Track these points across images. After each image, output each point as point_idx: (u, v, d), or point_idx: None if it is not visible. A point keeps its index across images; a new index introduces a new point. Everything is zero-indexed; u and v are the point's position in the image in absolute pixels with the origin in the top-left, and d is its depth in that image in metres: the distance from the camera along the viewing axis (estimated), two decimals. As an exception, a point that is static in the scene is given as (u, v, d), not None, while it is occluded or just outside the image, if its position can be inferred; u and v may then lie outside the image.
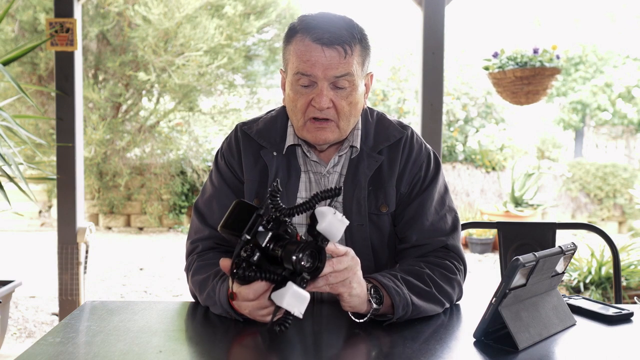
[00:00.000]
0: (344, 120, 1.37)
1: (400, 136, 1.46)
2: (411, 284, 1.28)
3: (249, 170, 1.45)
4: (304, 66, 1.32)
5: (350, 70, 1.32)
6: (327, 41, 1.30)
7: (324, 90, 1.32)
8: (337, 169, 1.46)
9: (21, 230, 7.95)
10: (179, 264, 6.02)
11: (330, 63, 1.31)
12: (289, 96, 1.38)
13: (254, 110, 8.34)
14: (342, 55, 1.31)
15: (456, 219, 1.46)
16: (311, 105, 1.35)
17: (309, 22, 1.33)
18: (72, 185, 3.33)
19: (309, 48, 1.31)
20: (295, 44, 1.34)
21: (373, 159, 1.43)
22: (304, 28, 1.33)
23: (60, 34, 3.22)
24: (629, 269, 4.04)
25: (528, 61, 3.40)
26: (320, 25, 1.31)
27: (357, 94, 1.37)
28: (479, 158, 8.80)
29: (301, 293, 1.07)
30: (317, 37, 1.31)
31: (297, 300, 1.06)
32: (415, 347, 1.13)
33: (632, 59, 10.20)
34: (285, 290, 1.06)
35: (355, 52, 1.33)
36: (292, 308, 1.06)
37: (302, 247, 1.06)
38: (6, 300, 2.99)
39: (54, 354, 1.07)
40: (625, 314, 1.31)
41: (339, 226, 1.09)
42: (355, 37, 1.33)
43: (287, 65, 1.38)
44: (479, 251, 6.93)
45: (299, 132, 1.40)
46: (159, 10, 7.05)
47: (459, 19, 10.32)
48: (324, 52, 1.31)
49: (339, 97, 1.34)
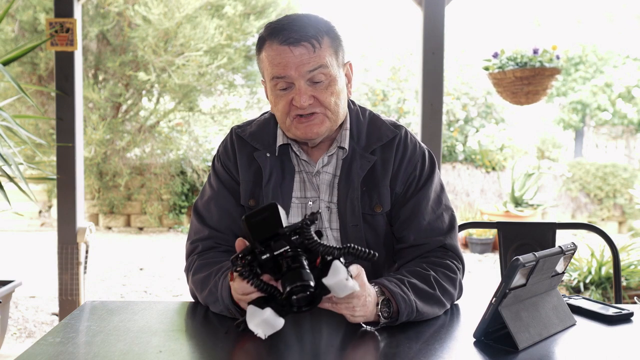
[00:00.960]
0: (330, 110, 1.38)
1: (392, 136, 1.46)
2: (417, 288, 1.28)
3: (244, 172, 1.47)
4: (277, 70, 1.34)
5: (322, 62, 1.34)
6: (294, 40, 1.33)
7: (302, 88, 1.34)
8: (327, 169, 1.47)
9: (21, 230, 7.95)
10: (179, 264, 6.02)
11: (301, 60, 1.33)
12: (271, 101, 1.41)
13: (254, 110, 8.34)
14: (310, 51, 1.33)
15: (453, 218, 1.47)
16: (292, 105, 1.37)
17: (274, 28, 1.36)
18: (72, 185, 3.33)
19: (277, 51, 1.34)
20: (266, 51, 1.37)
21: (366, 159, 1.44)
22: (270, 34, 1.36)
23: (60, 34, 3.22)
24: (629, 269, 4.04)
25: (528, 61, 3.40)
26: (284, 27, 1.34)
27: (338, 85, 1.38)
28: (479, 158, 8.80)
29: (273, 321, 1.06)
30: (283, 40, 1.33)
31: (266, 325, 1.06)
32: (416, 347, 1.13)
33: (632, 59, 10.20)
34: (258, 313, 1.06)
35: (324, 44, 1.35)
36: (256, 329, 1.06)
37: (301, 288, 1.03)
38: (6, 300, 2.99)
39: (54, 354, 1.07)
40: (625, 314, 1.31)
41: (344, 290, 1.07)
42: (321, 30, 1.35)
43: (264, 74, 1.41)
44: (479, 251, 6.93)
45: (289, 133, 1.42)
46: (159, 10, 7.05)
47: (459, 19, 10.32)
48: (292, 52, 1.33)
49: (318, 91, 1.36)
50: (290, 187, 1.45)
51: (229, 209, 1.46)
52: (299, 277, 1.04)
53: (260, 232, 1.08)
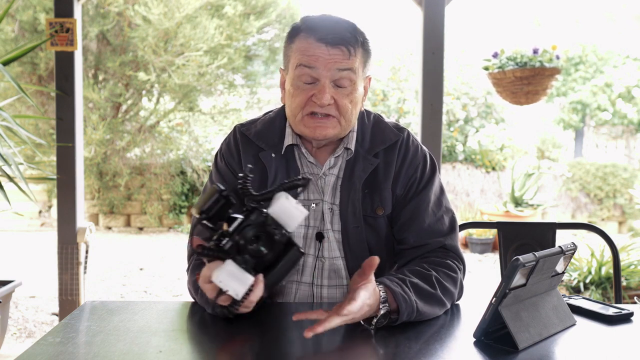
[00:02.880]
0: (345, 117, 1.37)
1: (396, 139, 1.46)
2: (418, 287, 1.27)
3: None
4: (308, 59, 1.33)
5: (352, 66, 1.34)
6: (331, 41, 1.32)
7: (326, 87, 1.33)
8: (333, 170, 1.46)
9: (21, 230, 7.94)
10: (179, 264, 6.02)
11: (334, 59, 1.33)
12: (289, 92, 1.39)
13: (254, 110, 8.34)
14: (345, 54, 1.33)
15: (453, 220, 1.47)
16: (311, 101, 1.35)
17: (314, 23, 1.35)
18: (72, 185, 3.33)
19: (313, 45, 1.33)
20: (299, 42, 1.35)
21: (368, 162, 1.43)
22: (308, 28, 1.35)
23: (60, 34, 3.22)
24: (629, 269, 4.04)
25: (528, 61, 3.40)
26: (325, 26, 1.33)
27: (357, 94, 1.38)
28: (479, 158, 8.80)
29: (239, 273, 1.02)
30: (321, 37, 1.32)
31: (232, 279, 1.01)
32: (416, 347, 1.13)
33: (632, 59, 10.19)
34: (221, 267, 1.02)
35: (358, 54, 1.35)
36: (225, 286, 1.01)
37: (248, 224, 1.02)
38: (6, 300, 2.99)
39: (54, 354, 1.07)
40: (625, 314, 1.31)
41: (292, 212, 1.04)
42: (358, 39, 1.35)
43: (289, 62, 1.39)
44: (479, 251, 6.93)
45: (296, 127, 1.41)
46: (159, 10, 7.05)
47: (459, 19, 10.31)
48: (328, 50, 1.33)
49: (340, 95, 1.35)
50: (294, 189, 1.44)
51: None
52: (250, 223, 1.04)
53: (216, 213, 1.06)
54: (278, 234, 1.06)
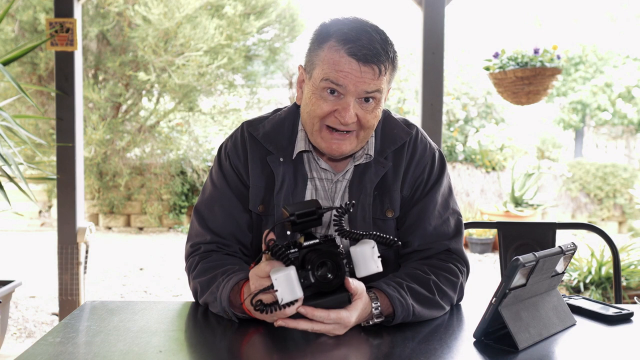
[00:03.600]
0: (364, 132, 1.33)
1: (406, 138, 1.43)
2: (415, 291, 1.27)
3: (256, 176, 1.40)
4: (337, 75, 1.26)
5: (380, 87, 1.29)
6: (364, 58, 1.26)
7: (351, 105, 1.28)
8: (346, 175, 1.43)
9: (21, 230, 7.95)
10: (179, 264, 6.02)
11: (364, 79, 1.27)
12: (309, 98, 1.32)
13: (254, 110, 8.34)
14: (376, 74, 1.27)
15: (459, 222, 1.44)
16: (334, 116, 1.30)
17: (345, 32, 1.27)
18: (72, 185, 3.33)
19: (344, 60, 1.26)
20: (329, 52, 1.28)
21: (380, 165, 1.40)
22: (340, 38, 1.27)
23: (60, 34, 3.22)
24: (629, 269, 4.04)
25: (529, 61, 3.40)
26: (359, 39, 1.26)
27: (380, 108, 1.34)
28: (479, 158, 8.80)
29: (295, 282, 1.07)
30: (353, 52, 1.26)
31: (287, 284, 1.06)
32: (416, 346, 1.13)
33: (632, 59, 10.19)
34: (282, 269, 1.07)
35: (388, 71, 1.30)
36: (277, 285, 1.06)
37: (319, 249, 1.09)
38: (6, 300, 2.99)
39: (54, 354, 1.07)
40: (625, 314, 1.31)
41: (370, 263, 1.11)
42: (389, 55, 1.30)
43: (314, 68, 1.31)
44: (479, 251, 6.93)
45: (312, 137, 1.35)
46: (159, 10, 7.05)
47: (459, 19, 10.32)
48: (359, 68, 1.26)
49: (364, 110, 1.30)
50: (302, 196, 1.39)
51: (234, 214, 1.41)
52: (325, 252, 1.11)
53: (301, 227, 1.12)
54: (347, 270, 1.12)
